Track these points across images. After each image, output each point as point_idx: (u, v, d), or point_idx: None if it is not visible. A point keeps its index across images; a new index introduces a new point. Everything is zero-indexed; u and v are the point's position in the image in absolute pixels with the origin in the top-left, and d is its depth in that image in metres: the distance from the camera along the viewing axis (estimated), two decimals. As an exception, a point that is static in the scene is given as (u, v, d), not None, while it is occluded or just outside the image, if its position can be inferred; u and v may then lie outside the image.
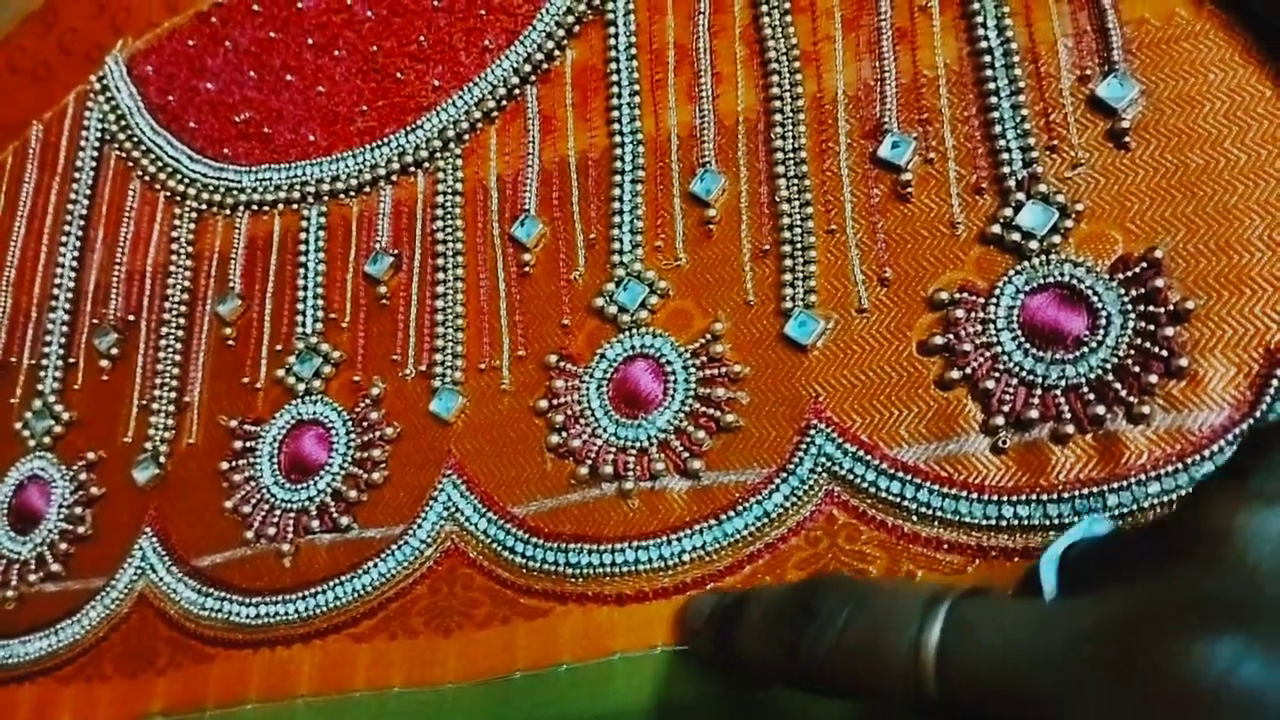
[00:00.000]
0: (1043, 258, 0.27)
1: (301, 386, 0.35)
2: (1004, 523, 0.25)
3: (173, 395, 0.37)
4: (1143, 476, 0.24)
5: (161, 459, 0.36)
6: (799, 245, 0.30)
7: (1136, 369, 0.25)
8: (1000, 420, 0.26)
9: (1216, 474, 0.19)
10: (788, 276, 0.29)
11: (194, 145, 0.40)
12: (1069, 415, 0.25)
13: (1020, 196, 0.28)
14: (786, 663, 0.21)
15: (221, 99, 0.40)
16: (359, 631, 0.31)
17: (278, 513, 0.34)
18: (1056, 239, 0.27)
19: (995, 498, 0.25)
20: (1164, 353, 0.25)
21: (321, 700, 0.31)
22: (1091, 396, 0.25)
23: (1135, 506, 0.24)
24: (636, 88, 0.33)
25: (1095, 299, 0.26)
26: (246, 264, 0.38)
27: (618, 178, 0.33)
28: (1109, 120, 0.28)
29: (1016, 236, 0.27)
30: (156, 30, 0.43)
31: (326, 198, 0.37)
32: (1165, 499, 0.24)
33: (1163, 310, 0.25)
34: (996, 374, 0.26)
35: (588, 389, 0.31)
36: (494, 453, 0.31)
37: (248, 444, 0.35)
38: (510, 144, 0.35)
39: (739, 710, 0.26)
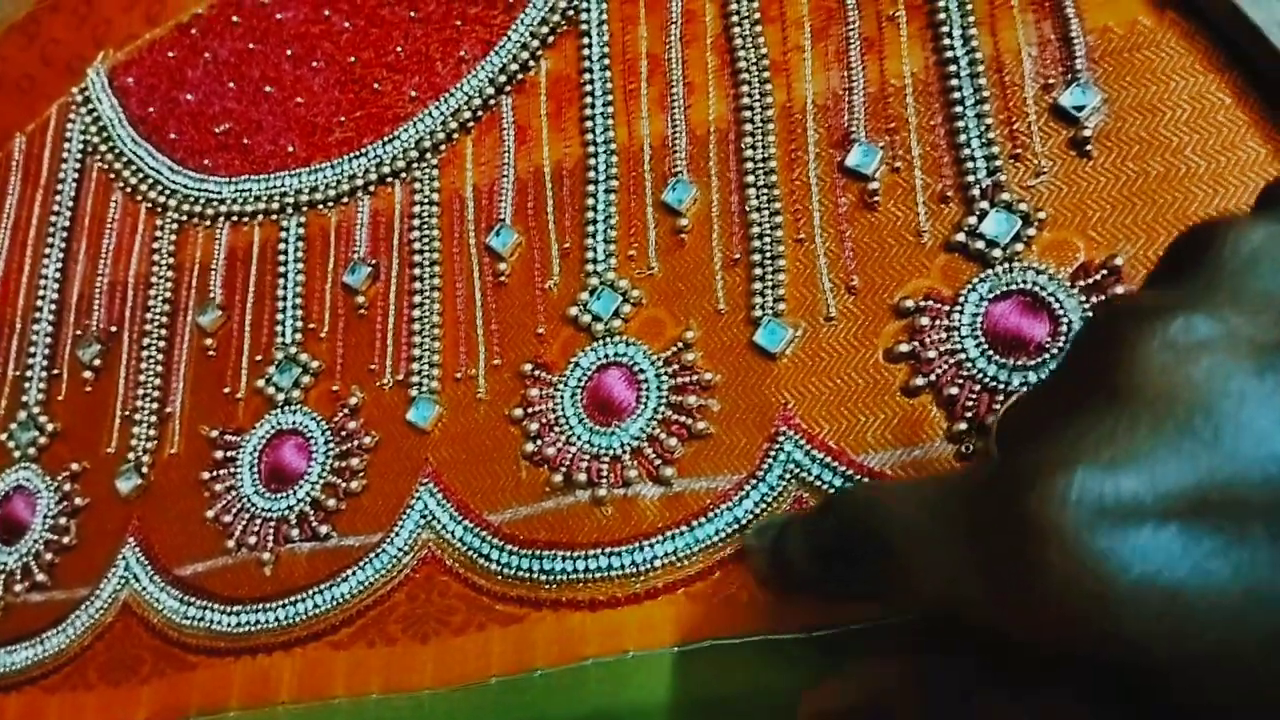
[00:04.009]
0: (1006, 265, 0.27)
1: (281, 396, 0.35)
2: (968, 528, 0.25)
3: (155, 406, 0.37)
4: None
5: (144, 469, 0.37)
6: (768, 254, 0.30)
7: (1097, 375, 0.25)
8: (964, 426, 0.26)
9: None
10: (757, 285, 0.30)
11: (175, 156, 0.41)
12: (1031, 421, 0.26)
13: (984, 205, 0.28)
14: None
15: (201, 110, 0.41)
16: (338, 639, 0.31)
17: (258, 522, 0.34)
18: (1020, 247, 0.27)
19: (959, 503, 0.26)
20: (1124, 359, 0.25)
21: (302, 707, 0.31)
22: (1053, 403, 0.26)
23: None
24: (610, 98, 0.34)
25: (1057, 306, 0.26)
26: (227, 275, 0.38)
27: (591, 187, 0.33)
28: (1071, 129, 0.28)
29: (981, 244, 0.28)
30: (137, 42, 0.43)
31: (305, 208, 0.37)
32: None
33: (1123, 317, 0.25)
34: (960, 380, 0.27)
35: (562, 397, 0.31)
36: (470, 461, 0.32)
37: (228, 454, 0.35)
38: (486, 154, 0.35)
39: (710, 714, 0.26)
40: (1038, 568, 0.15)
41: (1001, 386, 0.26)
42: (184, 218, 0.40)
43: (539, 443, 0.31)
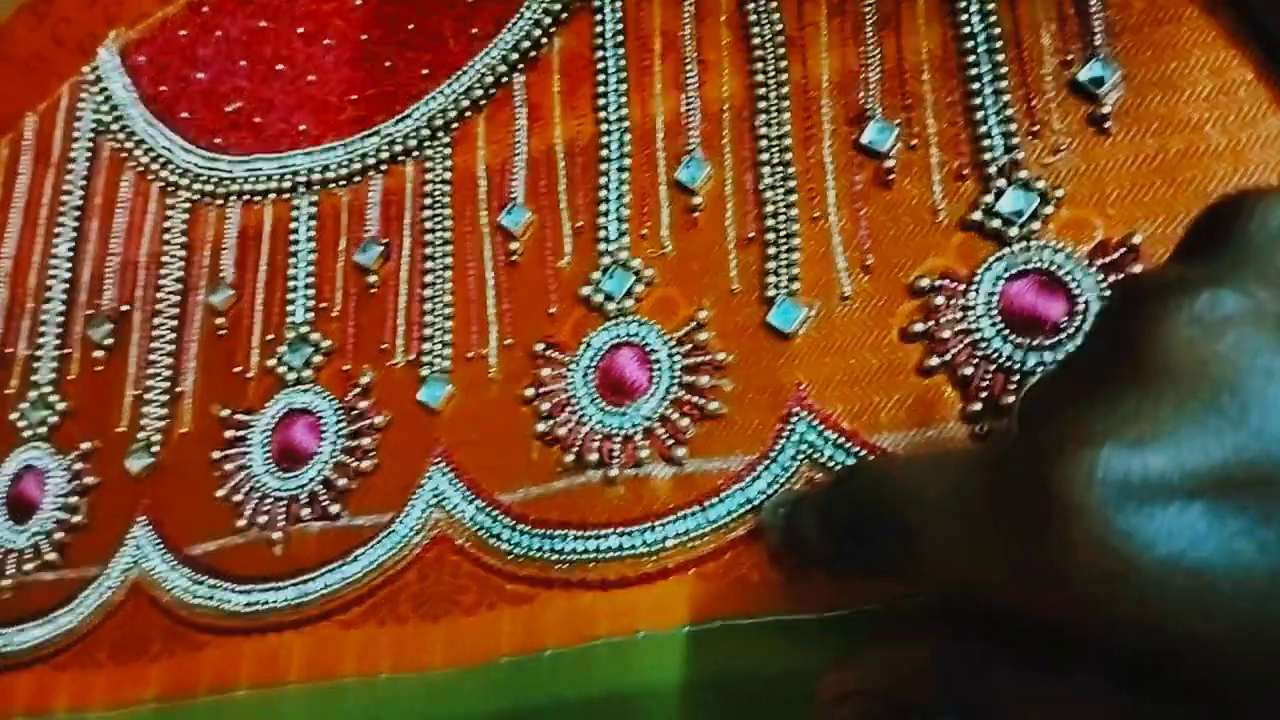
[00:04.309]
0: (1023, 244, 0.27)
1: (292, 375, 0.35)
2: (983, 508, 0.25)
3: (166, 385, 0.37)
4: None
5: (155, 448, 0.37)
6: (782, 233, 0.30)
7: (1115, 354, 0.25)
8: (979, 407, 0.26)
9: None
10: (771, 264, 0.29)
11: (186, 135, 0.40)
12: (1048, 401, 0.25)
13: (1001, 183, 0.28)
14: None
15: (213, 88, 0.40)
16: (349, 618, 0.31)
17: (269, 501, 0.34)
18: (1036, 225, 0.27)
19: (974, 483, 0.25)
20: (1143, 338, 0.25)
21: (311, 686, 0.31)
22: (1071, 382, 0.25)
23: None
24: (623, 75, 0.33)
25: (1074, 284, 0.26)
26: (238, 254, 0.38)
27: (604, 165, 0.33)
28: (1090, 105, 0.28)
29: (997, 223, 0.27)
30: (149, 20, 0.43)
31: (317, 187, 0.37)
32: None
33: (1142, 296, 0.25)
34: (975, 360, 0.26)
35: (574, 377, 0.31)
36: (482, 441, 0.32)
37: (239, 433, 0.35)
38: (498, 132, 0.35)
39: (721, 694, 0.26)
40: (1060, 546, 0.14)
41: (1017, 366, 0.26)
42: (196, 197, 0.40)
43: (550, 423, 0.31)
